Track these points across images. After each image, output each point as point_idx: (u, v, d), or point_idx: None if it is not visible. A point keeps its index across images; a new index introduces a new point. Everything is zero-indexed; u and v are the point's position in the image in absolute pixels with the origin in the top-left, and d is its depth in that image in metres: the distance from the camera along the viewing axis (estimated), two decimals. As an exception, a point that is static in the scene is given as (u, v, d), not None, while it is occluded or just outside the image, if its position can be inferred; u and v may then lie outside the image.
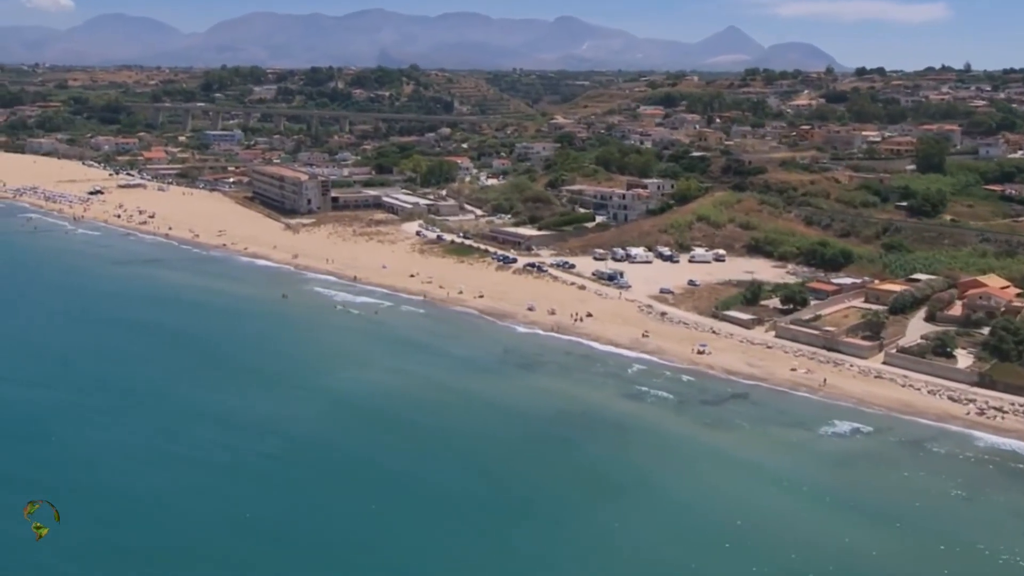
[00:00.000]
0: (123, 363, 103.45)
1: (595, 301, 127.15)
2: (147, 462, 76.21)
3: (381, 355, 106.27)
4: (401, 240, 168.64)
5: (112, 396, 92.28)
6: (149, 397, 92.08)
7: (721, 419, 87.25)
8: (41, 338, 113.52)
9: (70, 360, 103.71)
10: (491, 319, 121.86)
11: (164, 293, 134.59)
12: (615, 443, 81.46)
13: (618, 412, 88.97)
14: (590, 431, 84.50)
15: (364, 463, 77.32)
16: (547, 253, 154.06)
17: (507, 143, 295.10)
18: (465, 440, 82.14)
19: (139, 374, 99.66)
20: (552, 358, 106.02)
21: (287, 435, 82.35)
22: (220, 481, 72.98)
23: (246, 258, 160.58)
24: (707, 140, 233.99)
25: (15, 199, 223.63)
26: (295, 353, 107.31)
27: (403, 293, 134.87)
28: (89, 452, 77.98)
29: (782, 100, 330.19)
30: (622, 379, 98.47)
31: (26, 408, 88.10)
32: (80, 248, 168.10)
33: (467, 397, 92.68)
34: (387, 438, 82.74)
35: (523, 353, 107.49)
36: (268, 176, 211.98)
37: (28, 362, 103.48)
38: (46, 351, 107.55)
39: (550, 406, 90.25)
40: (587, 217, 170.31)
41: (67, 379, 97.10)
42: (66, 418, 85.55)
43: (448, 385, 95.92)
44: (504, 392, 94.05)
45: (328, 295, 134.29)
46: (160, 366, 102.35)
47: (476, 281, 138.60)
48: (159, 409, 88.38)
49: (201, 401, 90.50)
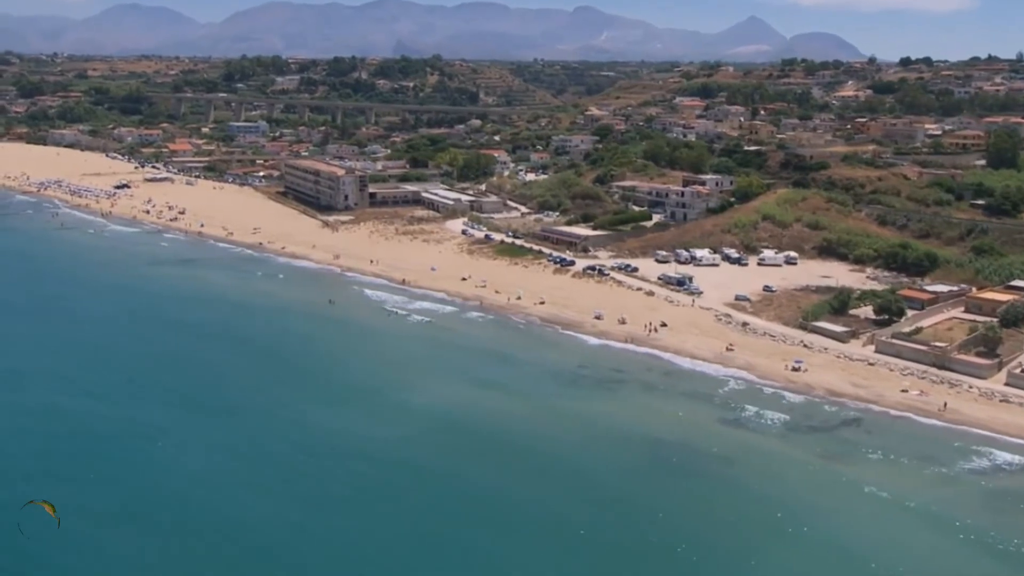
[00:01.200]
0: (186, 373, 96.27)
1: (666, 309, 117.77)
2: (239, 492, 69.03)
3: (447, 368, 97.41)
4: (447, 239, 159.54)
5: (187, 411, 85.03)
6: (223, 413, 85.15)
7: (841, 449, 77.95)
8: (94, 347, 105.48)
9: (131, 372, 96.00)
10: (556, 328, 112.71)
11: (206, 297, 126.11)
12: (732, 476, 72.46)
13: (721, 439, 79.88)
14: (698, 460, 75.44)
15: (468, 489, 69.75)
16: (605, 255, 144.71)
17: (542, 136, 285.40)
18: (570, 466, 73.92)
19: (207, 386, 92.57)
20: (632, 374, 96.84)
21: (378, 458, 74.88)
22: (321, 513, 65.69)
23: (284, 258, 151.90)
24: (758, 133, 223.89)
25: (40, 193, 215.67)
26: (359, 365, 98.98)
27: (457, 298, 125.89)
28: (177, 478, 70.92)
29: (825, 91, 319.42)
30: (715, 400, 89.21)
31: (101, 425, 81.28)
32: (111, 246, 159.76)
33: (554, 417, 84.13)
34: (482, 461, 74.86)
35: (600, 368, 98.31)
36: (302, 170, 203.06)
37: (91, 373, 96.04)
38: (103, 361, 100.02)
39: (645, 430, 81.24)
40: (644, 216, 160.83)
41: (136, 392, 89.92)
42: (145, 437, 78.49)
43: (531, 403, 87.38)
44: (593, 413, 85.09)
45: (378, 300, 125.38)
46: (224, 378, 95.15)
47: (533, 285, 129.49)
48: (237, 427, 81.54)
49: (279, 417, 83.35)
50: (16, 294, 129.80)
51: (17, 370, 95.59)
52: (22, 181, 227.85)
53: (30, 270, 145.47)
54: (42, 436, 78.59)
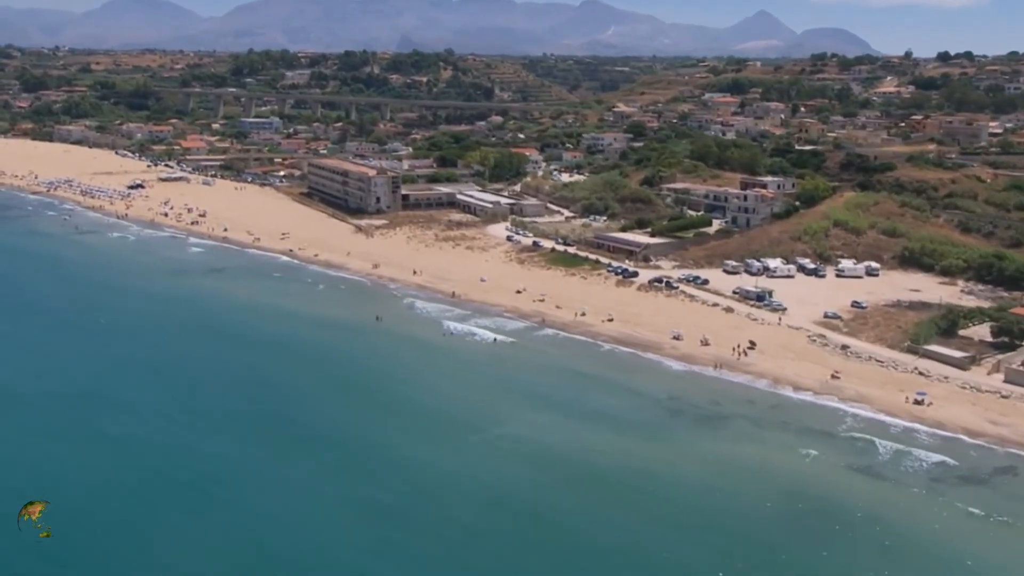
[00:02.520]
0: (252, 397, 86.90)
1: (751, 328, 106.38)
2: (367, 558, 58.99)
3: (532, 397, 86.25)
4: (492, 246, 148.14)
5: (269, 445, 75.47)
6: (308, 447, 75.46)
7: (1006, 505, 66.74)
8: (151, 365, 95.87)
9: (196, 395, 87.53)
10: (632, 351, 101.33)
11: (244, 312, 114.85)
12: (883, 540, 61.52)
13: (858, 490, 68.80)
14: (838, 518, 64.40)
15: (606, 541, 61.08)
16: (668, 265, 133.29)
17: (571, 133, 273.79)
18: (700, 516, 64.74)
19: (279, 414, 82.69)
20: (733, 407, 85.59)
21: (501, 504, 66.30)
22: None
23: (318, 266, 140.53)
24: (808, 131, 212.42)
25: (49, 193, 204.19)
26: (435, 390, 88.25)
27: (514, 314, 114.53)
28: (283, 534, 61.43)
29: (863, 87, 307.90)
30: (837, 440, 77.95)
31: (182, 462, 72.01)
32: (130, 254, 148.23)
33: (665, 457, 73.80)
34: (605, 506, 65.88)
35: (694, 400, 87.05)
36: (328, 170, 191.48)
37: (156, 396, 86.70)
38: (166, 383, 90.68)
39: (769, 477, 70.28)
40: (704, 221, 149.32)
41: (207, 419, 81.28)
42: (231, 477, 69.50)
43: (633, 441, 76.77)
44: (706, 455, 74.40)
45: (430, 316, 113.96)
46: (290, 403, 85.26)
47: (596, 300, 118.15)
48: (330, 466, 71.79)
49: (374, 454, 73.77)
50: (54, 303, 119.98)
51: (80, 393, 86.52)
52: (30, 180, 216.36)
53: (59, 276, 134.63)
54: (114, 475, 69.54)
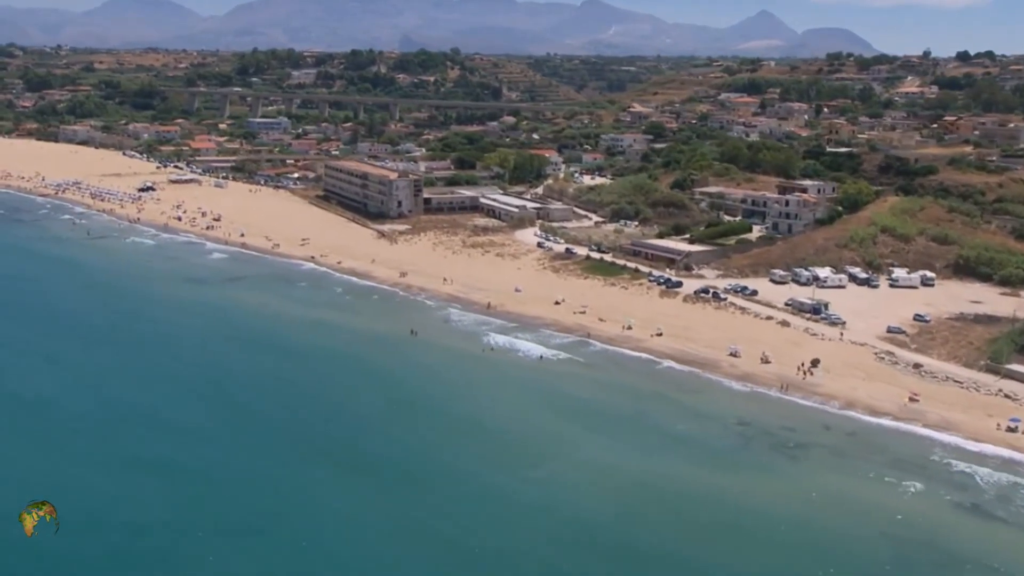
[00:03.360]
0: (310, 417, 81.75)
1: (811, 344, 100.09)
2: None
3: (576, 433, 79.11)
4: (523, 254, 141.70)
5: (342, 472, 70.75)
6: (386, 477, 70.11)
7: None
8: (198, 381, 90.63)
9: (251, 414, 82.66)
10: (688, 369, 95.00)
11: (274, 323, 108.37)
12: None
13: (972, 535, 63.00)
14: (958, 573, 58.08)
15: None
16: (711, 274, 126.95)
17: (588, 134, 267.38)
18: (810, 566, 58.49)
19: (343, 437, 77.87)
20: (809, 434, 79.27)
21: (578, 535, 61.91)
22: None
23: (343, 274, 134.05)
24: (838, 133, 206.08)
25: (58, 196, 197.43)
26: (496, 412, 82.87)
27: (555, 328, 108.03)
28: (331, 559, 58.28)
29: (884, 87, 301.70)
30: (932, 474, 71.61)
31: (222, 480, 68.65)
32: (145, 260, 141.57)
33: (757, 491, 68.03)
34: (700, 548, 61.12)
35: (765, 427, 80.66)
36: (346, 173, 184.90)
37: (215, 418, 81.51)
38: (220, 402, 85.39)
39: (872, 521, 63.97)
40: (744, 227, 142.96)
41: (272, 443, 75.95)
42: (310, 515, 63.97)
43: (718, 472, 70.68)
44: (790, 492, 68.47)
45: (467, 330, 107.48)
46: (351, 425, 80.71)
47: (641, 312, 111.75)
48: (420, 502, 66.27)
49: (459, 486, 68.64)
50: (76, 313, 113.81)
51: (114, 411, 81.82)
52: (37, 182, 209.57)
53: (76, 285, 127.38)
54: (154, 502, 64.74)
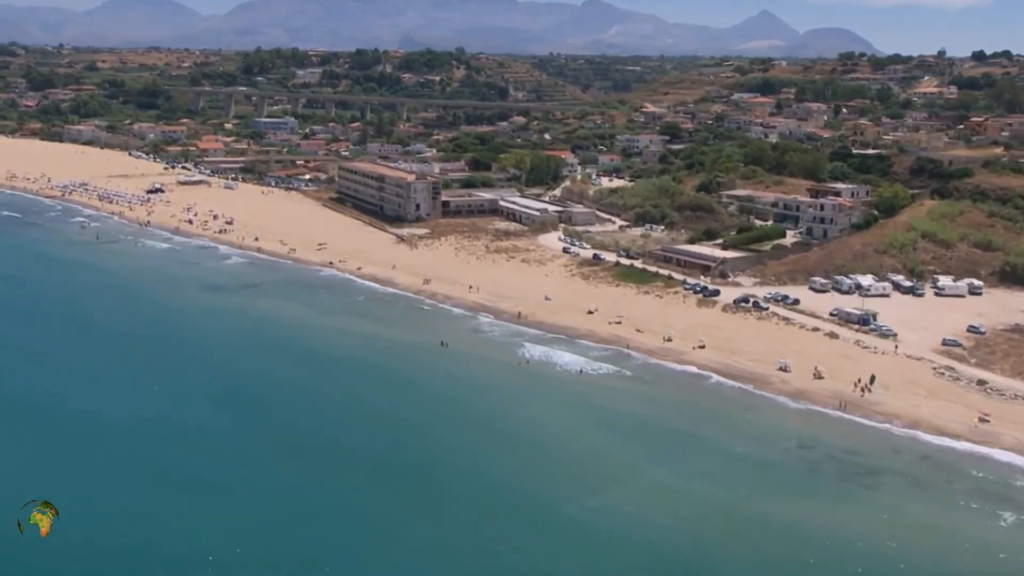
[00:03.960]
0: (368, 439, 77.36)
1: (864, 358, 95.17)
2: None
3: (633, 454, 74.51)
4: (548, 259, 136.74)
5: (380, 482, 69.00)
6: (422, 486, 68.26)
7: None
8: (212, 398, 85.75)
9: (270, 426, 79.28)
10: (736, 385, 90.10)
11: (295, 337, 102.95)
12: None
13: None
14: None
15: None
16: (748, 281, 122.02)
17: (602, 134, 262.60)
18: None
19: (411, 461, 73.02)
20: (878, 459, 74.32)
21: (666, 568, 58.62)
22: None
23: (364, 280, 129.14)
24: (864, 134, 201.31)
25: (65, 198, 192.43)
26: (534, 430, 78.04)
27: (590, 340, 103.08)
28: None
29: (901, 87, 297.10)
30: (1018, 503, 66.79)
31: (271, 503, 65.45)
32: (158, 265, 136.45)
33: (835, 527, 62.72)
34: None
35: (829, 450, 75.74)
36: (361, 175, 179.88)
37: (278, 446, 76.09)
38: (235, 417, 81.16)
39: (976, 558, 59.44)
40: (778, 232, 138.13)
41: (292, 457, 72.87)
42: (333, 524, 61.71)
43: (773, 519, 64.68)
44: (875, 522, 63.84)
45: (498, 341, 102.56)
46: (387, 437, 77.27)
47: (679, 322, 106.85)
48: (451, 510, 64.49)
49: (498, 498, 66.52)
50: (106, 322, 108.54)
51: (147, 426, 77.81)
52: (43, 184, 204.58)
53: (89, 292, 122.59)
54: (199, 529, 61.37)
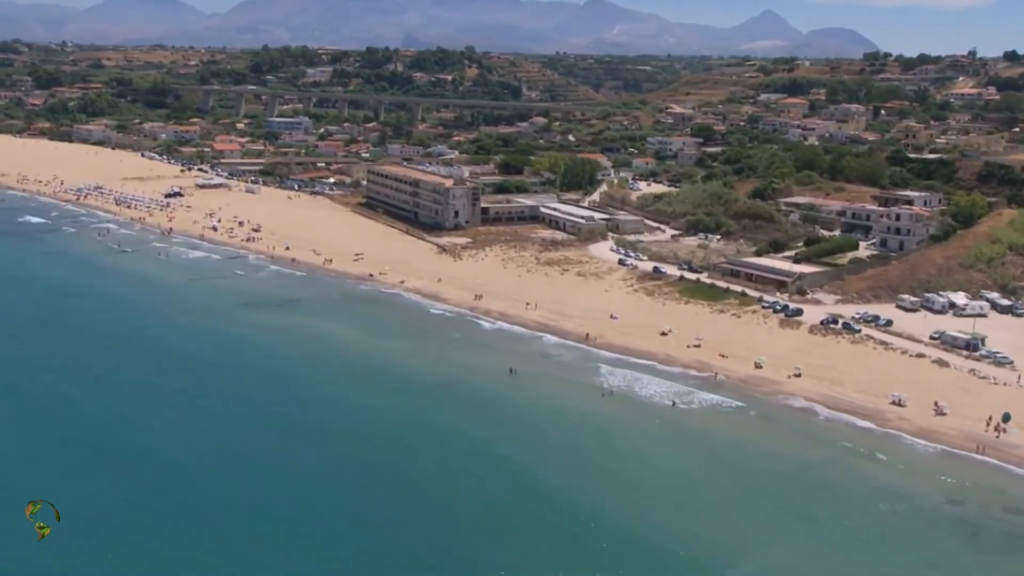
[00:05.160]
0: (438, 472, 70.11)
1: (984, 390, 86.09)
2: None
3: (766, 511, 65.41)
4: (605, 272, 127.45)
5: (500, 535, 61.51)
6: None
7: None
8: (282, 432, 76.66)
9: (348, 465, 71.23)
10: (850, 421, 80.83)
11: (345, 360, 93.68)
12: None
13: None
14: None
15: None
16: (829, 299, 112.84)
17: (631, 136, 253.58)
18: None
19: (472, 493, 66.41)
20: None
21: None
22: None
23: (411, 295, 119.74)
24: (916, 137, 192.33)
25: (80, 202, 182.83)
26: (637, 490, 67.89)
27: (672, 365, 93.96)
28: None
29: (936, 88, 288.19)
30: None
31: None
32: (188, 278, 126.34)
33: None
34: None
35: (986, 510, 66.44)
36: (393, 179, 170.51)
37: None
38: (314, 453, 72.73)
39: None
40: (851, 244, 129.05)
41: (385, 498, 65.94)
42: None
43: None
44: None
45: (571, 368, 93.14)
46: (491, 485, 68.69)
47: (764, 346, 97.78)
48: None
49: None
50: (176, 338, 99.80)
51: (222, 465, 70.04)
52: (56, 187, 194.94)
53: (116, 309, 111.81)
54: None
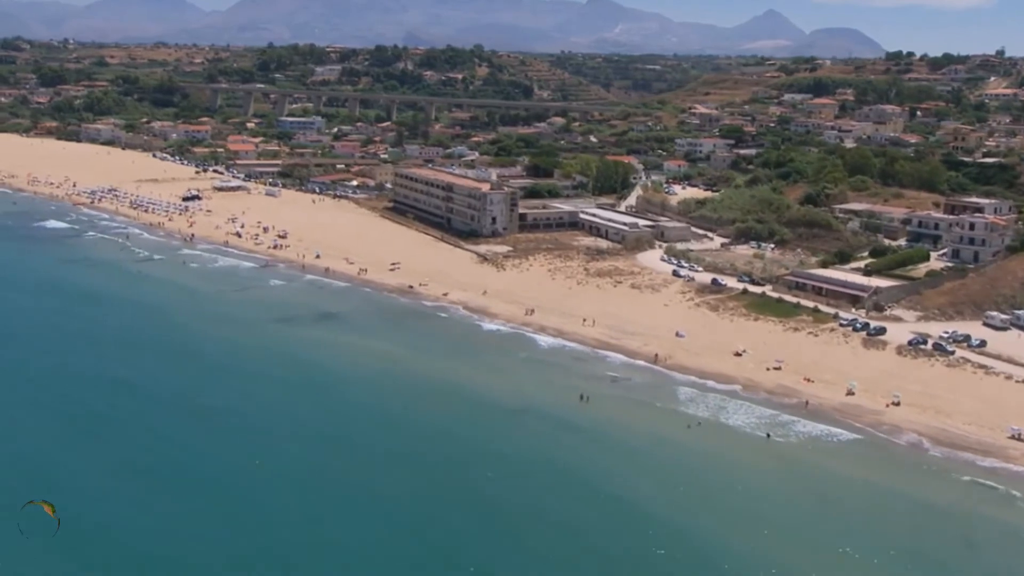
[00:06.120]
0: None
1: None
2: None
3: (880, 562, 58.12)
4: (660, 284, 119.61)
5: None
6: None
7: None
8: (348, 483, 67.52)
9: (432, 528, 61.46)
10: (971, 460, 73.10)
11: (399, 385, 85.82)
12: None
13: None
14: None
15: None
16: (910, 316, 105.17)
17: (660, 138, 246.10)
18: None
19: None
20: None
21: None
22: None
23: (456, 309, 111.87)
24: (966, 140, 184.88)
25: (95, 205, 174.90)
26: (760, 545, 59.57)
27: (753, 392, 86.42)
28: None
29: (968, 88, 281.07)
30: None
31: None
32: (218, 289, 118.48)
33: None
34: None
35: None
36: (424, 183, 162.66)
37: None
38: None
39: None
40: (922, 255, 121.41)
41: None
42: None
43: None
44: None
45: (645, 393, 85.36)
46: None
47: (851, 368, 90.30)
48: None
49: None
50: (241, 359, 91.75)
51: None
52: (69, 189, 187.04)
53: (141, 327, 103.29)
54: None
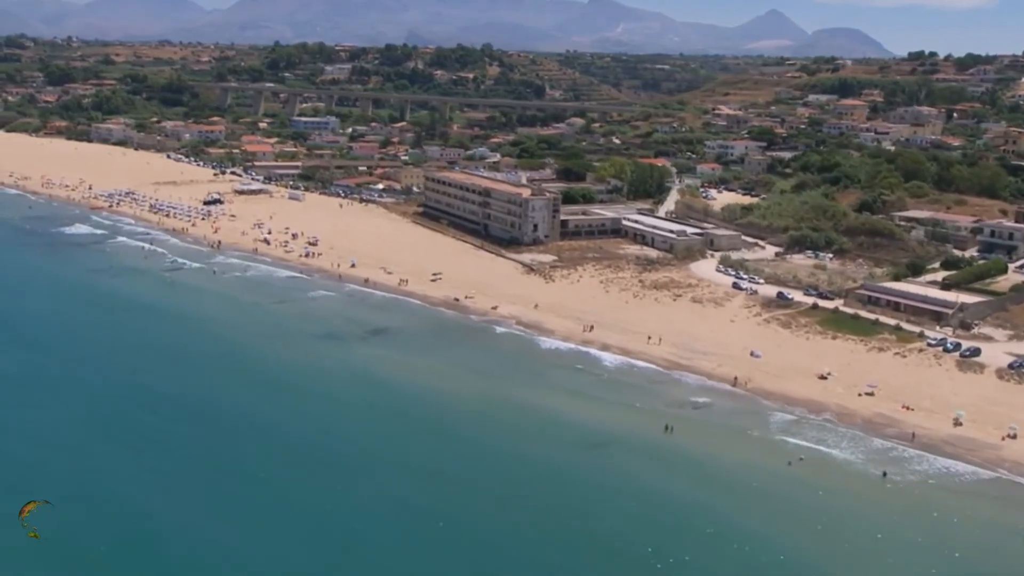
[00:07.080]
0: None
1: None
2: None
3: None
4: (721, 298, 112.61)
5: None
6: None
7: None
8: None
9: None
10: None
11: (482, 414, 78.65)
12: None
13: None
14: None
15: None
16: (1000, 334, 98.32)
17: (689, 139, 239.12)
18: None
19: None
20: None
21: None
22: None
23: (509, 325, 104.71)
24: (1016, 143, 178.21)
25: (113, 209, 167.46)
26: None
27: (849, 423, 79.67)
28: None
29: (1000, 90, 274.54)
30: None
31: None
32: (253, 301, 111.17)
33: None
34: None
35: None
36: (458, 187, 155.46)
37: None
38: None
39: None
40: (1000, 267, 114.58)
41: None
42: None
43: None
44: None
45: (732, 423, 78.55)
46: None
47: (950, 394, 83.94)
48: None
49: None
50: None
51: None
52: (85, 192, 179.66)
53: (188, 344, 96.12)
54: None
